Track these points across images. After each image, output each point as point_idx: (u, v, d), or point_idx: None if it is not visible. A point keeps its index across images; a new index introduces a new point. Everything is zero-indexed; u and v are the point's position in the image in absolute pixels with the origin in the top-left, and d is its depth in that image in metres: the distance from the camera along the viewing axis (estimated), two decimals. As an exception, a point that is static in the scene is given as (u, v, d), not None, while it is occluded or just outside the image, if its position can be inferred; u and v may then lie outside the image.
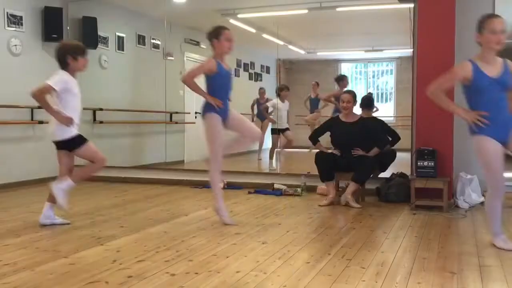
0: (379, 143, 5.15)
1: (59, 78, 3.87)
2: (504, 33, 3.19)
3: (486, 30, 3.21)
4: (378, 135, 5.20)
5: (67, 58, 3.91)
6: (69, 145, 3.96)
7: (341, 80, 7.59)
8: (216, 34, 4.06)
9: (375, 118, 5.66)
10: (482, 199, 4.96)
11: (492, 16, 3.31)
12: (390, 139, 5.41)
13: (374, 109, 6.50)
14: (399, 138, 5.42)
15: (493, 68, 3.25)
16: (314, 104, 8.55)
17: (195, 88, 4.00)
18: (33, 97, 3.84)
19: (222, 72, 4.06)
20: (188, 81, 3.99)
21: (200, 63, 4.25)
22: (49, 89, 3.80)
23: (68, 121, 3.88)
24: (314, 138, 5.31)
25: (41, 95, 3.80)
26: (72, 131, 3.93)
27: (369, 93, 8.70)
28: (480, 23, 3.25)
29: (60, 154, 4.04)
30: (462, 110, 3.36)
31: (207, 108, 4.02)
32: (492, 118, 3.18)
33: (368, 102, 5.82)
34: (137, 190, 6.02)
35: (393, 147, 5.44)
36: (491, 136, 3.19)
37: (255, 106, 8.63)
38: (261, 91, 8.82)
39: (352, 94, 5.21)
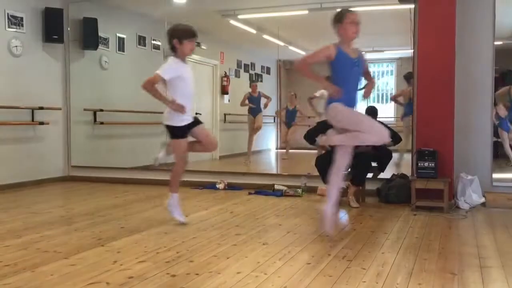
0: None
1: (167, 66, 3.85)
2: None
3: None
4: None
5: (173, 42, 3.87)
6: (176, 133, 3.97)
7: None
8: (339, 18, 3.57)
9: None
10: (483, 199, 4.97)
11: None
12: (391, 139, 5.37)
13: None
14: (400, 139, 5.38)
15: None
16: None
17: (309, 75, 3.58)
18: (144, 89, 3.81)
19: (344, 60, 3.55)
20: (303, 68, 3.56)
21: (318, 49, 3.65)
22: (158, 79, 3.78)
23: (180, 109, 3.85)
24: (312, 138, 5.16)
25: (152, 86, 3.78)
26: (183, 120, 3.93)
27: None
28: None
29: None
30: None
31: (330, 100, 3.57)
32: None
33: (372, 111, 5.85)
34: (138, 190, 6.02)
35: (389, 147, 5.44)
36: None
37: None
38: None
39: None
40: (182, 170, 4.15)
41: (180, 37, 3.86)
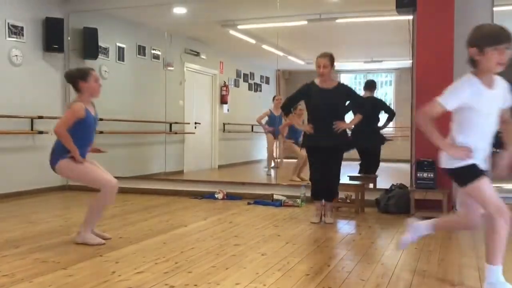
0: (360, 108, 4.73)
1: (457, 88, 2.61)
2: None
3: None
4: (358, 98, 4.79)
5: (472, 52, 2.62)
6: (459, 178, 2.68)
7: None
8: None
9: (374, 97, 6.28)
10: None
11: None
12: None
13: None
14: (394, 114, 5.85)
15: None
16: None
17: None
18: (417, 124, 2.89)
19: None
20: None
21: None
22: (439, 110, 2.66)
23: (463, 154, 2.60)
24: (287, 107, 4.78)
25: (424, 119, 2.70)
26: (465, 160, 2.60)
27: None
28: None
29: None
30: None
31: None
32: None
33: (371, 84, 6.34)
34: (137, 200, 6.01)
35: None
36: None
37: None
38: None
39: (328, 57, 4.55)
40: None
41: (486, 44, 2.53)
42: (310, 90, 4.62)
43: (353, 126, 4.95)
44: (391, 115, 6.15)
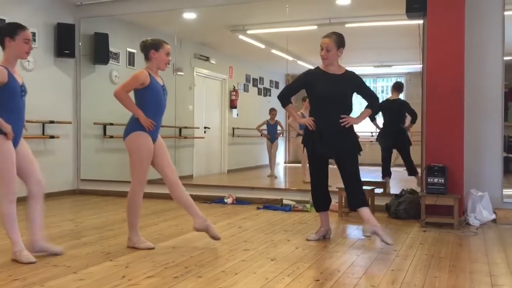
0: (372, 100, 4.06)
1: None
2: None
3: None
4: (369, 90, 4.11)
5: None
6: None
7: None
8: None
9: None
10: (493, 216, 4.92)
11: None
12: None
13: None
14: (416, 116, 5.78)
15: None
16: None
17: None
18: None
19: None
20: None
21: None
22: None
23: None
24: (285, 97, 4.07)
25: None
26: None
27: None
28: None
29: None
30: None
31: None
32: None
33: (399, 85, 6.49)
34: (146, 204, 6.01)
35: None
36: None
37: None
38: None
39: (333, 38, 3.89)
40: None
41: None
42: (313, 76, 3.96)
43: (361, 122, 4.13)
44: (414, 117, 6.17)
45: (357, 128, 4.10)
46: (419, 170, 5.59)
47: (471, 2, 5.09)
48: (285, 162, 8.60)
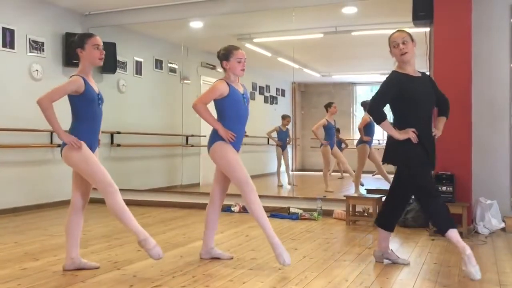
0: (447, 106, 3.59)
1: None
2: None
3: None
4: (443, 95, 3.59)
5: None
6: None
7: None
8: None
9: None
10: (502, 225, 4.88)
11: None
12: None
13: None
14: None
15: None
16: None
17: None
18: None
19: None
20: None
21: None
22: None
23: None
24: (379, 109, 3.35)
25: None
26: None
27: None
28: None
29: None
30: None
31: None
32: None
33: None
34: (154, 213, 6.03)
35: None
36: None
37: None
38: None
39: (406, 32, 3.47)
40: None
41: None
42: (401, 79, 3.38)
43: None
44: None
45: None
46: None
47: (478, 9, 5.09)
48: (292, 170, 8.58)
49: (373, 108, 3.38)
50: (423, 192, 3.29)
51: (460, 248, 3.17)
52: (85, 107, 3.33)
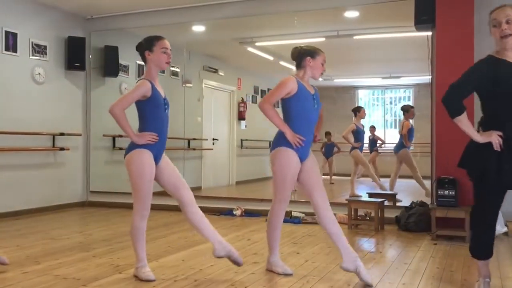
0: None
1: None
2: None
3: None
4: None
5: None
6: None
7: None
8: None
9: None
10: (505, 229, 4.86)
11: None
12: None
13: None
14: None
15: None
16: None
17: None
18: None
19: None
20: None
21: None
22: None
23: None
24: (457, 99, 2.82)
25: None
26: None
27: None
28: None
29: None
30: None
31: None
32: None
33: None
34: (155, 217, 6.02)
35: None
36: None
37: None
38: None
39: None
40: None
41: None
42: (497, 64, 2.74)
43: None
44: None
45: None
46: (428, 182, 5.55)
47: (480, 13, 5.08)
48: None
49: (448, 97, 2.76)
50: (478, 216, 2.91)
51: (481, 274, 2.92)
52: (151, 112, 3.26)
